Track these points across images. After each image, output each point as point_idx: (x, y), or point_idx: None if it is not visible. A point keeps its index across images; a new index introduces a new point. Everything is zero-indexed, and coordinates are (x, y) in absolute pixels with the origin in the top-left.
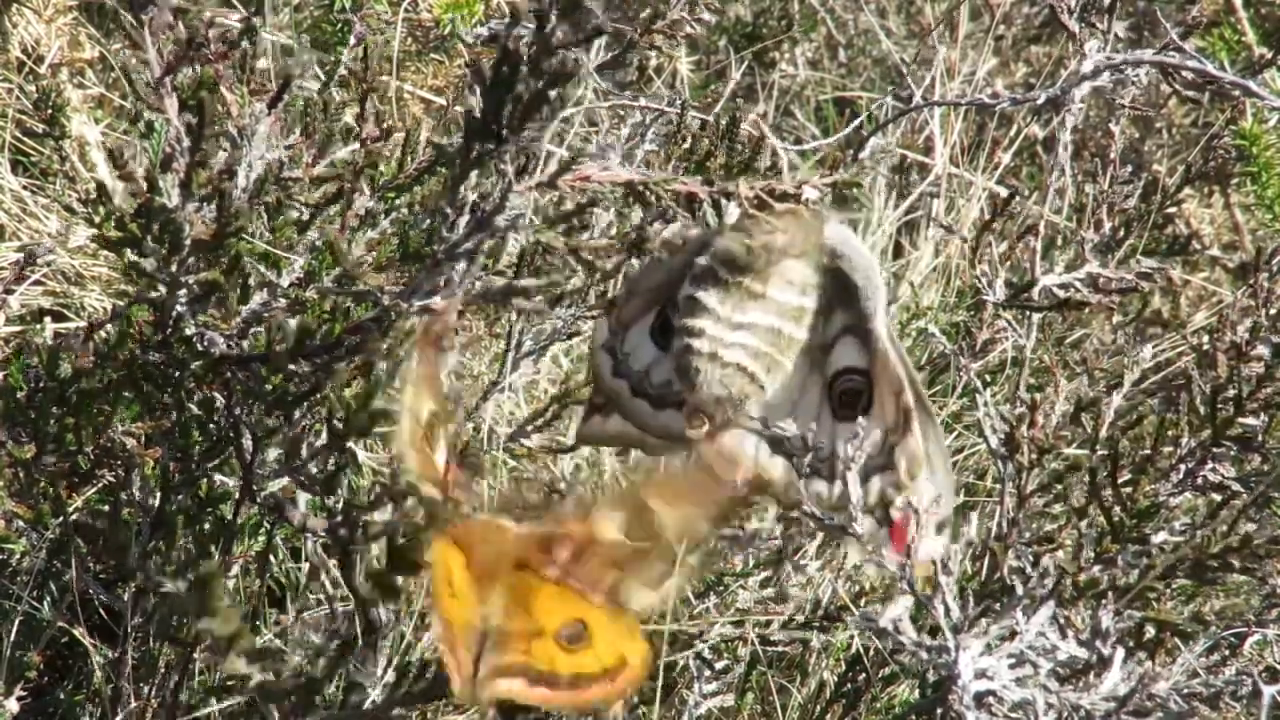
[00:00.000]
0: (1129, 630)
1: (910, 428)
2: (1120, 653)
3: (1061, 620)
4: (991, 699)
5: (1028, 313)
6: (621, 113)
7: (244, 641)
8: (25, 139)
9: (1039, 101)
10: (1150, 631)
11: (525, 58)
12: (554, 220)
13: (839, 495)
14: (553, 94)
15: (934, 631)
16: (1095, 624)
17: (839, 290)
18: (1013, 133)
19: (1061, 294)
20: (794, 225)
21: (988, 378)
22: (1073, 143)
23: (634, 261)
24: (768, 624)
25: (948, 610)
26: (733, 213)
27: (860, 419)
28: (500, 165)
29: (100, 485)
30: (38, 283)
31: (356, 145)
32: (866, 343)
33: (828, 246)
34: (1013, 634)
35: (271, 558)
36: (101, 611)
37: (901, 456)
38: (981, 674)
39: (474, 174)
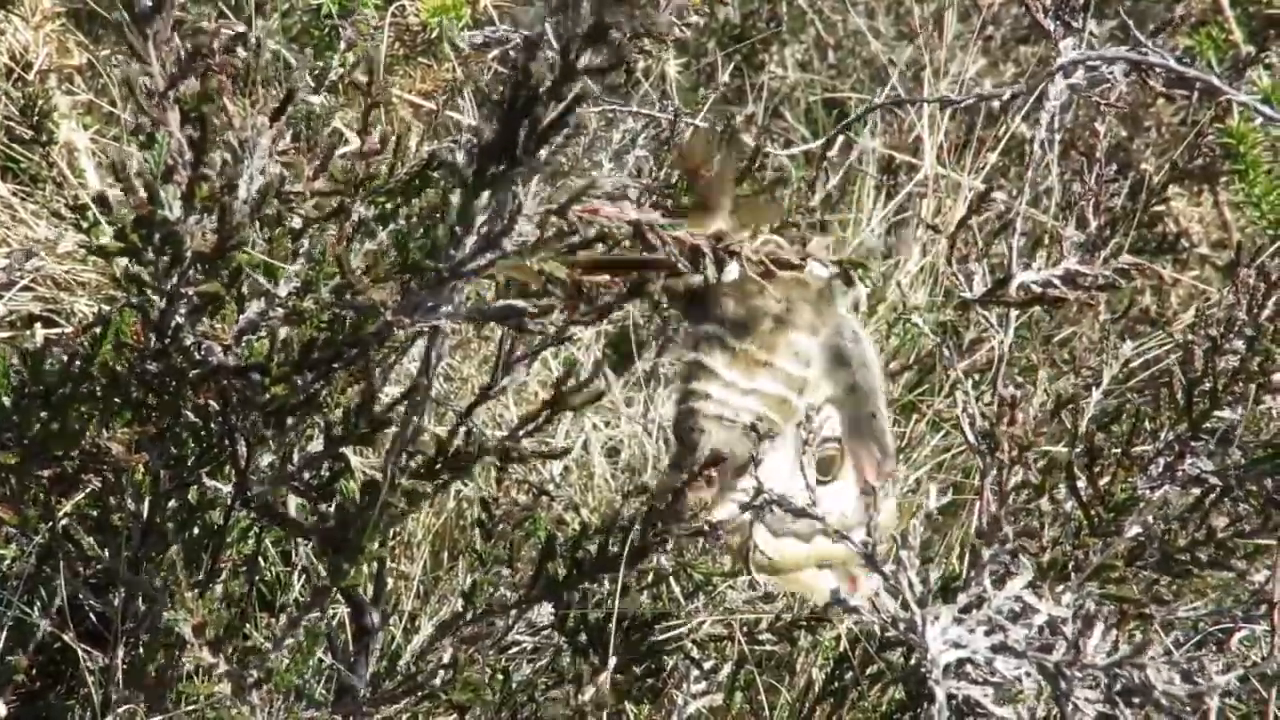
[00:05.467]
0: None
1: (890, 492)
2: (1102, 618)
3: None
4: (970, 667)
5: (1009, 310)
6: (610, 115)
7: (211, 632)
8: (13, 145)
9: (1005, 98)
10: (1114, 620)
11: (546, 81)
12: (561, 251)
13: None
14: (571, 118)
15: (906, 607)
16: (1061, 597)
17: (829, 364)
18: (1000, 132)
19: (1038, 290)
20: (800, 297)
21: (976, 376)
22: (1060, 141)
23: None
24: (756, 623)
25: (911, 584)
26: (732, 270)
27: (837, 484)
28: (513, 187)
29: (89, 491)
30: (27, 288)
31: (354, 155)
32: (850, 416)
33: (840, 329)
34: (980, 601)
35: (261, 561)
36: (92, 617)
37: (881, 514)
38: (953, 644)
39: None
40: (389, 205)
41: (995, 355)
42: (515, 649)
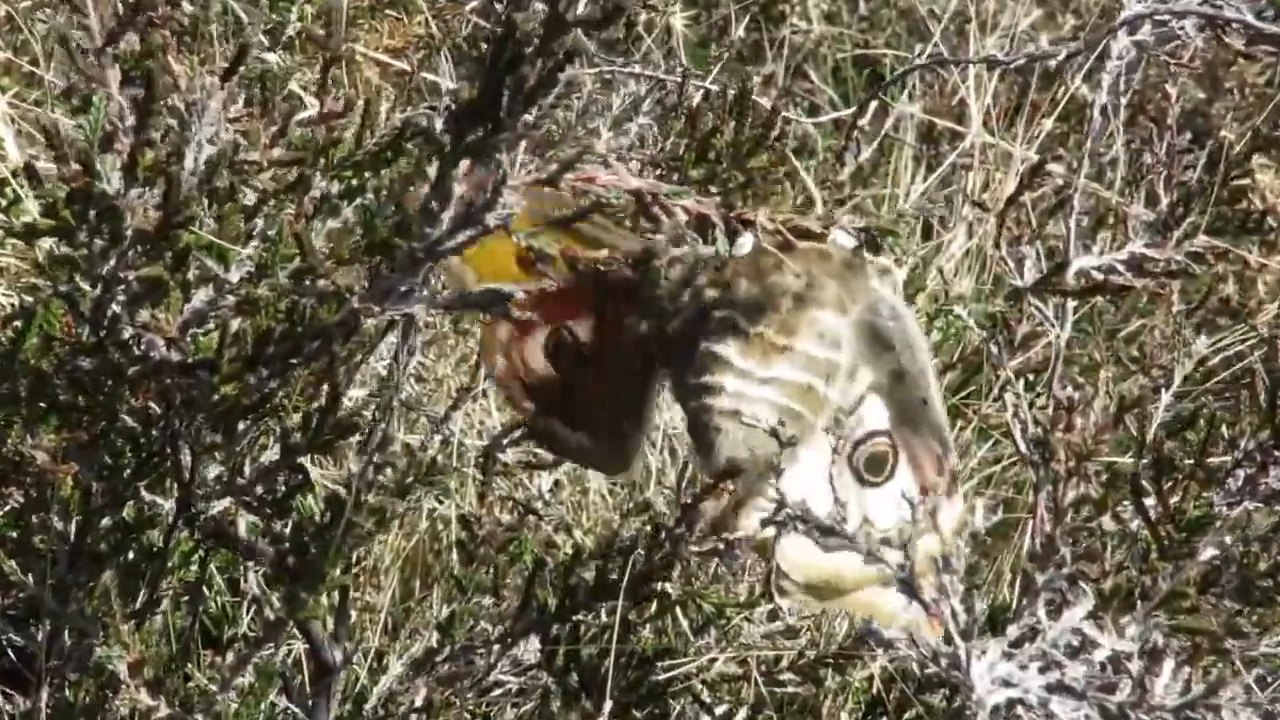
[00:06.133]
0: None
1: (955, 490)
2: (1172, 653)
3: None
4: (1022, 710)
5: (1067, 300)
6: (608, 76)
7: (150, 670)
8: None
9: (1062, 57)
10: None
11: (532, 35)
12: (551, 223)
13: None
14: (562, 76)
15: (948, 641)
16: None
17: (866, 348)
18: (1058, 95)
19: (1100, 277)
20: (823, 271)
21: (1030, 377)
22: (1127, 106)
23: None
24: (775, 661)
25: (954, 614)
26: (745, 243)
27: (892, 485)
28: (496, 154)
29: (9, 508)
30: None
31: (314, 120)
32: (898, 405)
33: (876, 307)
34: (1033, 634)
35: (206, 589)
36: (11, 653)
37: (945, 521)
38: (1003, 682)
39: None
40: (355, 179)
41: (1051, 352)
42: (498, 690)
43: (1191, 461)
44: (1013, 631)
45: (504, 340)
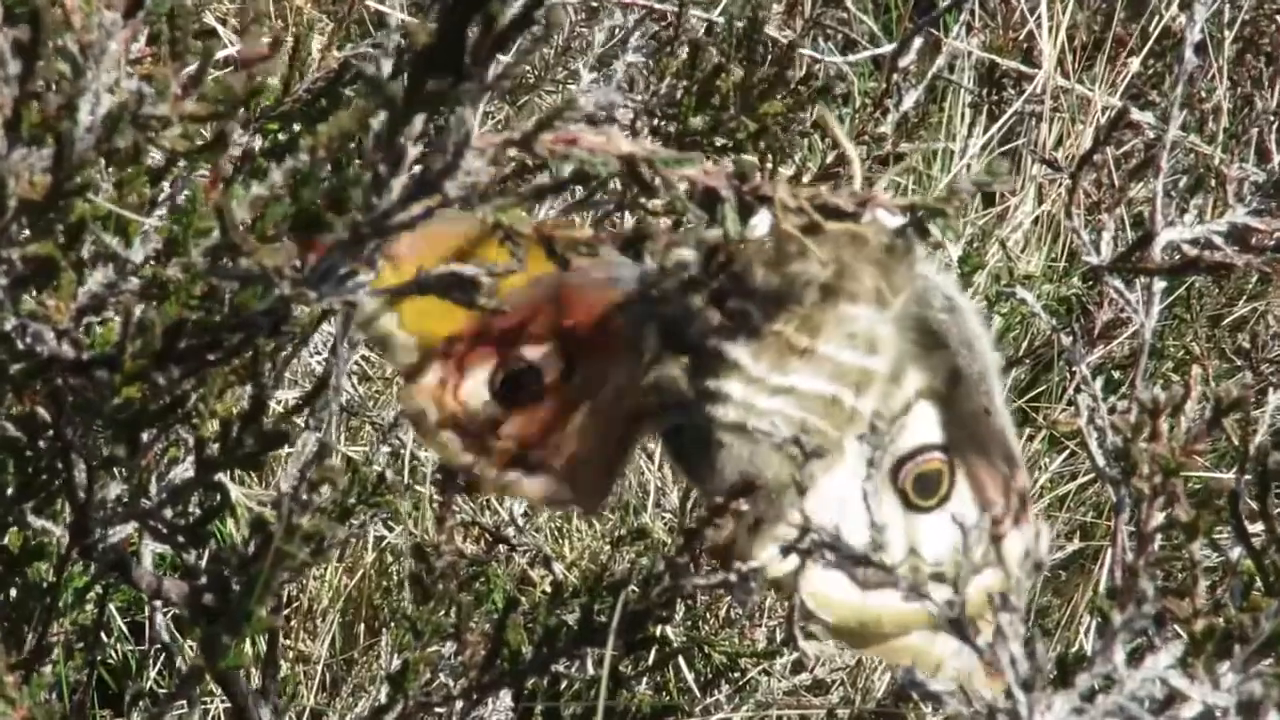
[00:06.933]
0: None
1: (1025, 516)
2: (1274, 705)
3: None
4: None
5: (1153, 280)
6: (593, 4)
7: None
8: None
9: None
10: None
11: None
12: (523, 196)
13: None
14: (538, 14)
15: (1008, 695)
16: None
17: (914, 346)
18: (1148, 27)
19: (1194, 252)
20: (856, 257)
21: (1112, 374)
22: (1234, 41)
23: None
24: None
25: (1014, 661)
26: (761, 221)
27: (947, 509)
28: (459, 109)
29: None
30: None
31: (233, 60)
32: (954, 414)
33: (926, 298)
34: (1109, 684)
35: (105, 634)
36: None
37: (1012, 554)
38: None
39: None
40: (284, 134)
41: (1137, 344)
42: None
43: None
44: (1085, 681)
45: (434, 385)
